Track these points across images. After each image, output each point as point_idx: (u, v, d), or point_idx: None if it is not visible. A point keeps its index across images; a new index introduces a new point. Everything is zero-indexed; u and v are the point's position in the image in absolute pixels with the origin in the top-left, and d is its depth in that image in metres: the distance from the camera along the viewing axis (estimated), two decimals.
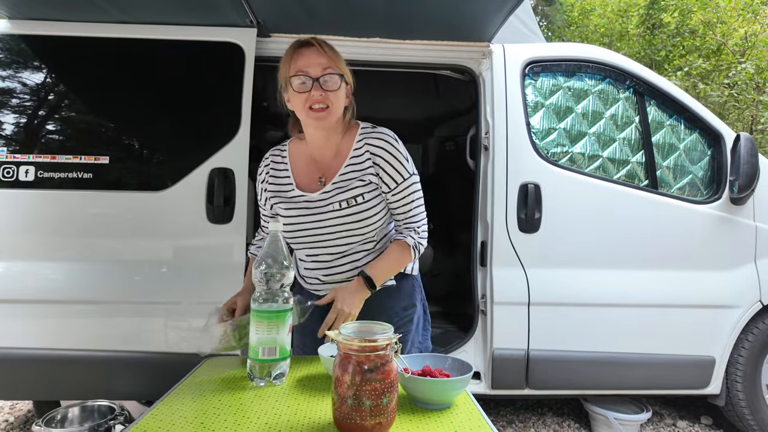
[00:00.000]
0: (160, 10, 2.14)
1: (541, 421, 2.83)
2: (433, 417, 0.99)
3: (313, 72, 1.25)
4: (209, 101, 2.24)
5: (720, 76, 7.26)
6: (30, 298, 2.11)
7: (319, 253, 1.39)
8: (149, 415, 0.97)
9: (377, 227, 1.36)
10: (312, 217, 1.34)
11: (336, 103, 1.28)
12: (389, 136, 1.34)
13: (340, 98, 1.29)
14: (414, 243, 1.36)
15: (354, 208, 1.32)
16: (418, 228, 1.37)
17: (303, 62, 1.26)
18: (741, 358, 2.47)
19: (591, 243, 2.40)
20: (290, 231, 1.36)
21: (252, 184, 2.45)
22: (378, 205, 1.35)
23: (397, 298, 1.44)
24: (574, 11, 9.83)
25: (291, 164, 1.40)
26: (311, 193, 1.35)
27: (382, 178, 1.33)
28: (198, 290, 2.16)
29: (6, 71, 2.24)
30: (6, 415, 2.76)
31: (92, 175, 2.16)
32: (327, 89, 1.25)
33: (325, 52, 1.28)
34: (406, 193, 1.35)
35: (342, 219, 1.32)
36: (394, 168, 1.32)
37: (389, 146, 1.33)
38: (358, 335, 0.91)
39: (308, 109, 1.26)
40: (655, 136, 2.54)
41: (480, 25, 2.23)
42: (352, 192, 1.32)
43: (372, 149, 1.33)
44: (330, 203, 1.32)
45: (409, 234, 1.37)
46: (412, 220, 1.38)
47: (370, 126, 1.37)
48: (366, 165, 1.33)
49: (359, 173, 1.33)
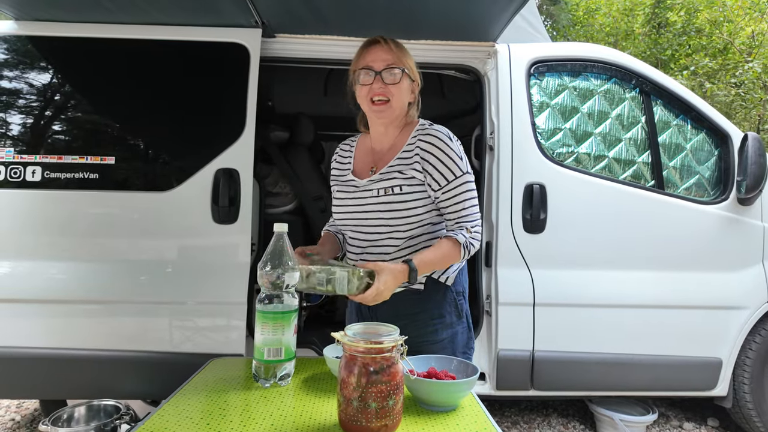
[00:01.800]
0: (165, 11, 2.14)
1: (546, 422, 2.82)
2: (439, 419, 0.99)
3: (376, 66, 1.33)
4: (214, 102, 2.25)
5: (727, 75, 7.21)
6: (36, 298, 2.12)
7: (356, 237, 1.43)
8: (156, 415, 0.97)
9: (409, 223, 1.35)
10: (355, 200, 1.41)
11: (397, 96, 1.34)
12: (441, 134, 1.35)
13: (401, 91, 1.35)
14: (465, 241, 1.33)
15: (390, 197, 1.35)
16: (471, 227, 1.34)
17: (369, 57, 1.35)
18: (748, 360, 2.45)
19: (596, 244, 2.39)
20: (337, 212, 1.45)
21: (257, 185, 2.46)
22: (415, 201, 1.34)
23: (422, 307, 1.39)
24: (579, 10, 9.79)
25: (355, 153, 1.50)
26: (361, 179, 1.42)
27: (431, 174, 1.33)
28: (203, 290, 2.17)
29: (12, 72, 2.25)
30: (13, 414, 2.78)
31: (98, 176, 2.17)
32: (388, 83, 1.33)
33: (391, 49, 1.35)
34: (457, 191, 1.33)
35: (378, 206, 1.36)
36: (445, 165, 1.32)
37: (440, 143, 1.33)
38: (364, 337, 0.91)
39: (370, 102, 1.35)
40: (662, 136, 2.53)
41: (485, 25, 2.23)
42: (392, 182, 1.35)
43: (422, 145, 1.35)
44: (371, 189, 1.38)
45: (460, 232, 1.34)
46: (464, 219, 1.35)
47: (428, 124, 1.40)
48: (413, 161, 1.35)
49: (403, 167, 1.36)
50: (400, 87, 1.34)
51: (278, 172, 3.09)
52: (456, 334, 1.43)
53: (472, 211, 1.36)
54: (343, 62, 2.38)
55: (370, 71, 1.34)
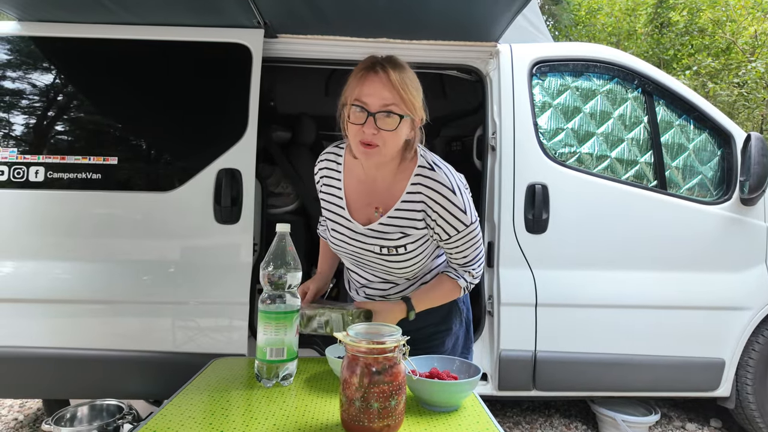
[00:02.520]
0: (167, 12, 2.14)
1: (548, 422, 2.81)
2: (441, 419, 0.99)
3: (372, 105, 1.13)
4: (217, 102, 2.25)
5: (729, 75, 7.19)
6: (38, 298, 2.13)
7: (356, 270, 1.42)
8: (158, 415, 0.98)
9: (415, 271, 1.35)
10: (353, 246, 1.32)
11: (389, 143, 1.16)
12: (447, 188, 1.21)
13: (396, 137, 1.16)
14: (466, 285, 1.34)
15: (394, 257, 1.28)
16: (474, 271, 1.34)
17: (366, 90, 1.14)
18: (751, 360, 2.45)
19: (599, 244, 2.38)
20: (334, 245, 1.38)
21: (259, 185, 2.46)
22: (420, 254, 1.30)
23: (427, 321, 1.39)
24: (582, 10, 9.78)
25: (345, 178, 1.32)
26: (358, 222, 1.30)
27: (435, 229, 1.26)
28: (205, 290, 2.17)
29: (15, 73, 2.26)
30: (16, 414, 2.79)
31: (101, 176, 2.17)
32: (381, 127, 1.14)
33: (392, 83, 1.13)
34: (463, 242, 1.27)
35: (380, 260, 1.31)
36: (449, 223, 1.23)
37: (445, 200, 1.21)
38: (366, 337, 0.91)
39: (358, 143, 1.16)
40: (664, 136, 2.52)
41: (487, 25, 2.22)
42: (395, 242, 1.26)
43: (428, 201, 1.23)
44: (372, 244, 1.28)
45: (463, 275, 1.33)
46: (467, 265, 1.33)
47: (428, 165, 1.24)
48: (417, 216, 1.24)
49: (407, 222, 1.25)
50: (394, 133, 1.15)
51: (280, 173, 3.09)
52: (458, 338, 1.45)
53: (476, 255, 1.32)
54: (345, 62, 2.40)
55: (363, 110, 1.14)
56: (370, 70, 1.15)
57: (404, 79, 1.15)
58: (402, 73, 1.16)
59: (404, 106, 1.15)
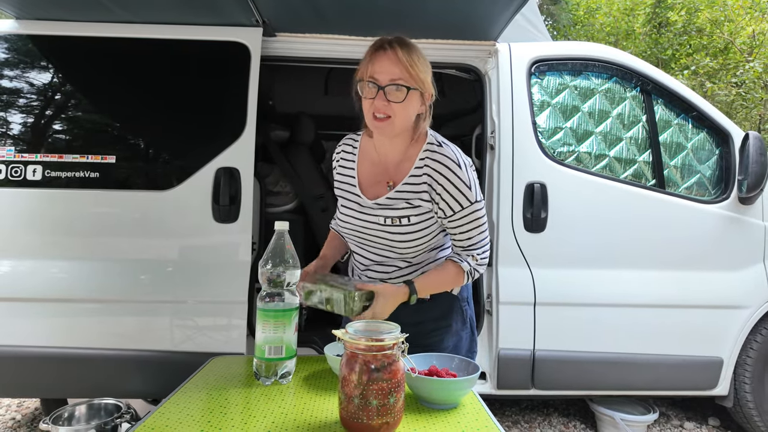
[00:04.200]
0: (165, 10, 2.14)
1: (547, 421, 2.82)
2: (440, 417, 0.99)
3: (381, 80, 1.21)
4: (215, 101, 2.25)
5: (727, 74, 7.21)
6: (37, 297, 2.12)
7: (360, 253, 1.41)
8: (157, 413, 0.97)
9: (416, 250, 1.33)
10: (359, 221, 1.35)
11: (400, 114, 1.23)
12: (452, 161, 1.26)
13: (406, 109, 1.23)
14: (470, 269, 1.31)
15: (397, 228, 1.29)
16: (478, 255, 1.31)
17: (376, 67, 1.22)
18: (749, 359, 2.45)
19: (597, 243, 2.38)
20: (342, 225, 1.41)
21: (257, 184, 2.46)
22: (423, 230, 1.30)
23: (427, 316, 1.38)
24: (580, 10, 9.79)
25: (359, 159, 1.40)
26: (366, 197, 1.34)
27: (439, 203, 1.27)
28: (204, 289, 2.17)
29: (13, 71, 2.25)
30: (13, 413, 2.78)
31: (99, 174, 2.17)
32: (391, 100, 1.21)
33: (399, 59, 1.21)
34: (466, 220, 1.28)
35: (384, 233, 1.31)
36: (453, 196, 1.25)
37: (449, 173, 1.25)
38: (365, 334, 0.91)
39: (372, 116, 1.24)
40: (663, 135, 2.52)
41: (486, 24, 2.22)
42: (399, 212, 1.29)
43: (431, 173, 1.27)
44: (377, 215, 1.31)
45: (466, 259, 1.31)
46: (471, 247, 1.31)
47: (436, 142, 1.30)
48: (421, 189, 1.28)
49: (412, 195, 1.29)
50: (403, 105, 1.22)
51: (279, 172, 3.09)
52: (460, 339, 1.43)
53: (480, 238, 1.31)
54: (344, 61, 2.39)
55: (374, 84, 1.22)
56: (379, 49, 1.24)
57: (411, 56, 1.23)
58: (409, 50, 1.24)
59: (412, 81, 1.22)
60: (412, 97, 1.23)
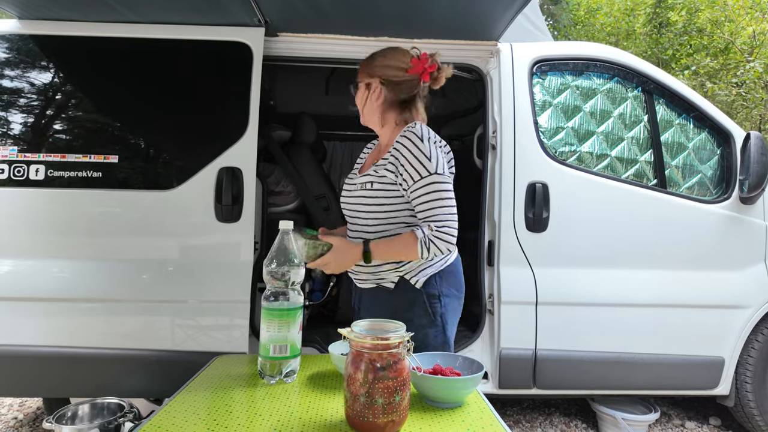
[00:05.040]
0: (168, 10, 2.14)
1: (549, 421, 2.82)
2: (445, 415, 0.99)
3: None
4: (217, 100, 2.25)
5: (728, 74, 7.21)
6: (39, 296, 2.12)
7: (348, 233, 1.53)
8: (162, 412, 0.98)
9: (377, 219, 1.42)
10: (347, 192, 1.53)
11: (360, 106, 1.53)
12: (414, 134, 1.38)
13: (361, 101, 1.52)
14: (423, 237, 1.31)
15: (364, 192, 1.43)
16: (435, 226, 1.32)
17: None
18: (750, 359, 2.46)
19: (599, 242, 2.39)
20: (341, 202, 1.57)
21: (259, 184, 2.46)
22: (384, 198, 1.41)
23: (389, 307, 1.40)
24: (581, 10, 9.79)
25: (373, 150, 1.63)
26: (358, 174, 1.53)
27: (402, 174, 1.37)
28: (206, 289, 2.17)
29: (16, 71, 2.25)
30: (15, 413, 2.78)
31: (101, 174, 2.17)
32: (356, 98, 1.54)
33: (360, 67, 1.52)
34: (424, 191, 1.34)
35: (356, 199, 1.46)
36: (413, 166, 1.35)
37: (410, 143, 1.36)
38: (371, 333, 0.92)
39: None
40: (664, 135, 2.53)
41: (488, 24, 2.23)
42: (366, 178, 1.44)
43: (398, 146, 1.39)
44: (356, 184, 1.48)
45: (422, 227, 1.33)
46: (429, 218, 1.33)
47: (414, 124, 1.43)
48: (388, 160, 1.41)
49: (379, 165, 1.43)
50: (359, 98, 1.52)
51: (281, 171, 3.09)
52: (427, 336, 1.41)
53: (441, 211, 1.33)
54: (346, 61, 2.40)
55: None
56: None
57: (369, 59, 1.51)
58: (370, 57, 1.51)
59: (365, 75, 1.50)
60: (360, 91, 1.51)
